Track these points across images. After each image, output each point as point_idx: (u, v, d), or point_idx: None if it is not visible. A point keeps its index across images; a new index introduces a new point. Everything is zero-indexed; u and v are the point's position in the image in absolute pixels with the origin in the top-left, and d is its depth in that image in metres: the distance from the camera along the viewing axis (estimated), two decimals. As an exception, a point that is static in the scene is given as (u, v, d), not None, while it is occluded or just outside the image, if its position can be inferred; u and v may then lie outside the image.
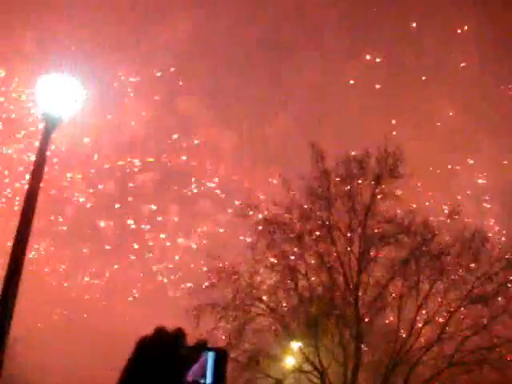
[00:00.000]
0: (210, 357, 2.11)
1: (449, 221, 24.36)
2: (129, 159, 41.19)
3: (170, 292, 40.10)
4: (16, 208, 23.52)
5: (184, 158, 42.15)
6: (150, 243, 42.58)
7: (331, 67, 42.82)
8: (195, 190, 41.99)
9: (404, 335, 23.71)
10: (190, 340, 2.02)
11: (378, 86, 40.02)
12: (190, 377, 2.05)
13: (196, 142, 42.91)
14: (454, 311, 23.36)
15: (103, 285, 42.46)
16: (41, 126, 9.37)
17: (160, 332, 1.98)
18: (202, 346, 2.09)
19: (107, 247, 42.30)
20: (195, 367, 2.07)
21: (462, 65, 40.20)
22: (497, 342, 22.70)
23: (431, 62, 41.50)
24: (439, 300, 23.68)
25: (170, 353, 1.95)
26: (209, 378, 2.09)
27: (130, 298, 40.88)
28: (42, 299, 36.65)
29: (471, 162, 38.80)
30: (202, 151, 43.39)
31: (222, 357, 2.13)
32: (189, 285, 27.53)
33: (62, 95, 9.12)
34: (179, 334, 2.00)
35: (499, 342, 22.65)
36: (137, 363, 1.93)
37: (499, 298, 23.03)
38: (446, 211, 24.78)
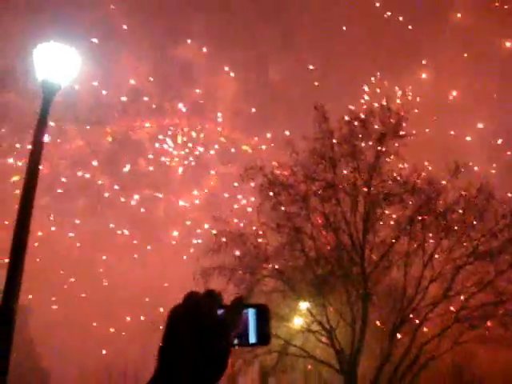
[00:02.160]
0: (251, 314, 1.99)
1: (454, 178, 24.29)
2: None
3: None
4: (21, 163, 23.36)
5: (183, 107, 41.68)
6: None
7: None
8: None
9: (410, 293, 23.89)
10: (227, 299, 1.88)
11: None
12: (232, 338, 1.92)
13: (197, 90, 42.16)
14: (459, 268, 23.47)
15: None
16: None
17: (191, 298, 1.82)
18: (240, 304, 1.93)
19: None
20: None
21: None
22: (502, 297, 22.86)
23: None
24: (445, 257, 23.78)
25: (207, 320, 1.78)
26: (252, 337, 1.97)
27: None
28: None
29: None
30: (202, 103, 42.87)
31: (263, 313, 2.01)
32: (196, 241, 27.40)
33: (59, 63, 9.14)
34: (212, 295, 1.84)
35: (505, 298, 22.81)
36: (173, 339, 1.76)
37: (504, 255, 23.08)
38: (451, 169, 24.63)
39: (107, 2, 38.04)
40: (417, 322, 23.53)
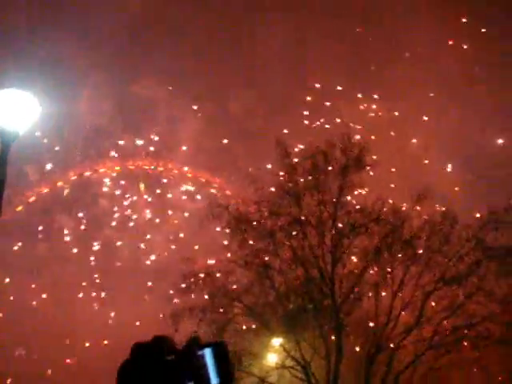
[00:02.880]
0: (208, 354, 1.92)
1: (418, 207, 24.55)
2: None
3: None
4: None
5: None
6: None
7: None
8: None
9: (383, 322, 23.87)
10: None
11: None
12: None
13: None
14: (429, 294, 23.58)
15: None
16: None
17: (136, 349, 1.83)
18: (192, 346, 1.90)
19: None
20: (195, 369, 1.87)
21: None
22: (473, 320, 22.98)
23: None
24: (414, 284, 23.88)
25: (154, 368, 1.78)
26: (214, 379, 1.90)
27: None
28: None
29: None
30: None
31: (221, 351, 1.94)
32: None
33: (17, 110, 9.06)
34: (159, 342, 1.84)
35: (476, 321, 22.94)
36: (130, 371, 1.81)
37: (472, 278, 23.29)
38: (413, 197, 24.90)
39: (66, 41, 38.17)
40: (391, 349, 23.50)
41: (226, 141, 40.66)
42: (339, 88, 40.45)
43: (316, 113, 40.12)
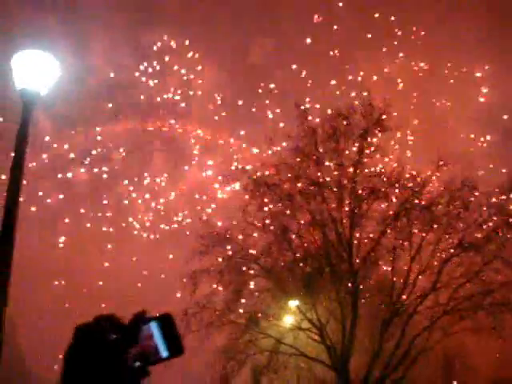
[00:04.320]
0: (155, 327, 1.91)
1: (437, 173, 24.37)
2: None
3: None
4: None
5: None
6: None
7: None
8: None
9: (399, 287, 23.93)
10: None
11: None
12: (140, 357, 1.84)
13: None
14: (446, 260, 23.55)
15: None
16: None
17: (78, 333, 1.84)
18: (136, 321, 1.89)
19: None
20: (143, 345, 1.86)
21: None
22: (490, 287, 22.97)
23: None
24: (432, 250, 23.83)
25: (96, 347, 1.79)
26: (163, 352, 1.89)
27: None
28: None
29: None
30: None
31: (167, 323, 1.93)
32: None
33: (38, 70, 9.07)
34: (100, 322, 1.84)
35: (492, 288, 22.92)
36: (70, 377, 1.82)
37: (490, 245, 23.19)
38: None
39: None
40: (407, 314, 23.60)
41: (240, 102, 40.18)
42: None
43: (338, 72, 39.38)
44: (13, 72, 9.18)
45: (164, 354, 1.89)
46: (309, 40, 38.28)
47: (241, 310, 24.49)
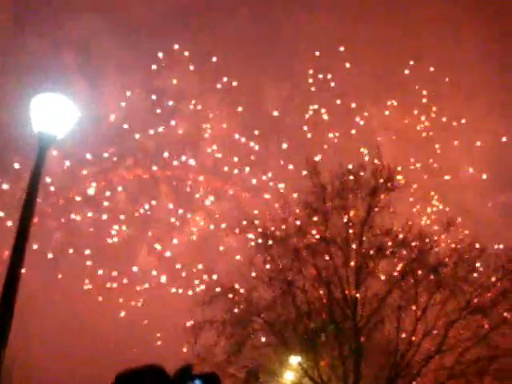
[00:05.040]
0: None
1: (445, 234, 24.33)
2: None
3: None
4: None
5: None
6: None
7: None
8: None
9: (403, 348, 23.60)
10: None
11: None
12: None
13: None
14: (452, 322, 23.27)
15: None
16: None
17: (135, 374, 1.78)
18: (183, 376, 1.85)
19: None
20: None
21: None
22: (497, 352, 22.60)
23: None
24: (437, 312, 23.59)
25: None
26: None
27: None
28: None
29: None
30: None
31: (212, 382, 1.90)
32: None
33: (56, 113, 9.14)
34: (152, 371, 1.79)
35: (499, 353, 22.56)
36: None
37: (498, 309, 22.94)
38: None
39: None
40: (411, 376, 23.21)
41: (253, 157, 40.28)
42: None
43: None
44: (31, 114, 9.26)
45: None
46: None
47: (245, 361, 24.16)
